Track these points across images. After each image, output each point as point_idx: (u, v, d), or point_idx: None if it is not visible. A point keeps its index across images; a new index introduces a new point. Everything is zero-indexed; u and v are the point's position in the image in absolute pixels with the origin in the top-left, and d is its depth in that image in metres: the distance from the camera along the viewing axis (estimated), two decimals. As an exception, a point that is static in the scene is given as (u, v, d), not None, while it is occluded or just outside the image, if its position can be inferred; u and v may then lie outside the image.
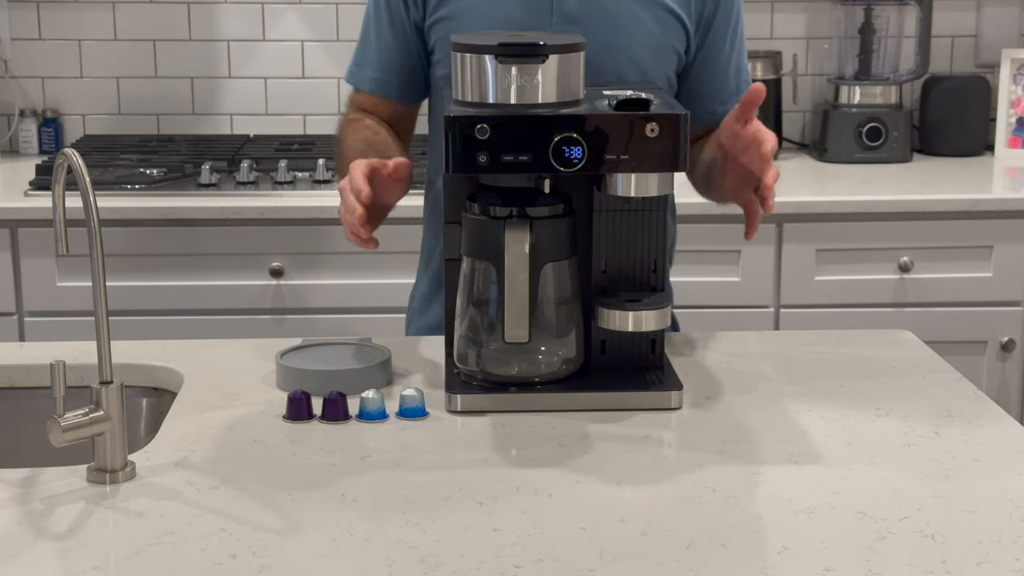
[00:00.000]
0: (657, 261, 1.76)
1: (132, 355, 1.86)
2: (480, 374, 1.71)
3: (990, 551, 1.30)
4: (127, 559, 1.30)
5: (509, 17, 1.90)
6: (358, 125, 2.01)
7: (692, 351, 1.91)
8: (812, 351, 1.92)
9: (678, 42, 1.95)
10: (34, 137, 3.53)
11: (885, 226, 3.02)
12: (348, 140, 1.98)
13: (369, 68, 2.03)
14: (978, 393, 1.76)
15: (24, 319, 2.98)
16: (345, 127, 2.02)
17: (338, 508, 1.40)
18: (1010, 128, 3.50)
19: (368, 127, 2.00)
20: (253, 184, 3.08)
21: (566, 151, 1.60)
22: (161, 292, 2.96)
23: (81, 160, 1.45)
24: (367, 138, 1.97)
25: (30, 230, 2.94)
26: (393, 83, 2.02)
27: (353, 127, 2.01)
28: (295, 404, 1.64)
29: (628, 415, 1.66)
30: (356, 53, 2.07)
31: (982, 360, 3.07)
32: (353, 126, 2.01)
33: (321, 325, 2.92)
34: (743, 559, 1.30)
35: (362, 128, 2.00)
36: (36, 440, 1.58)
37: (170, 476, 1.49)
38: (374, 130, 1.99)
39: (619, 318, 1.68)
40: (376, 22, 2.02)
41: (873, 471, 1.50)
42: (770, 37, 3.57)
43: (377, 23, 2.02)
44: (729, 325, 2.87)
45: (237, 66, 3.56)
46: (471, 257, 1.72)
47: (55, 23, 3.51)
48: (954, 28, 3.62)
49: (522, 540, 1.33)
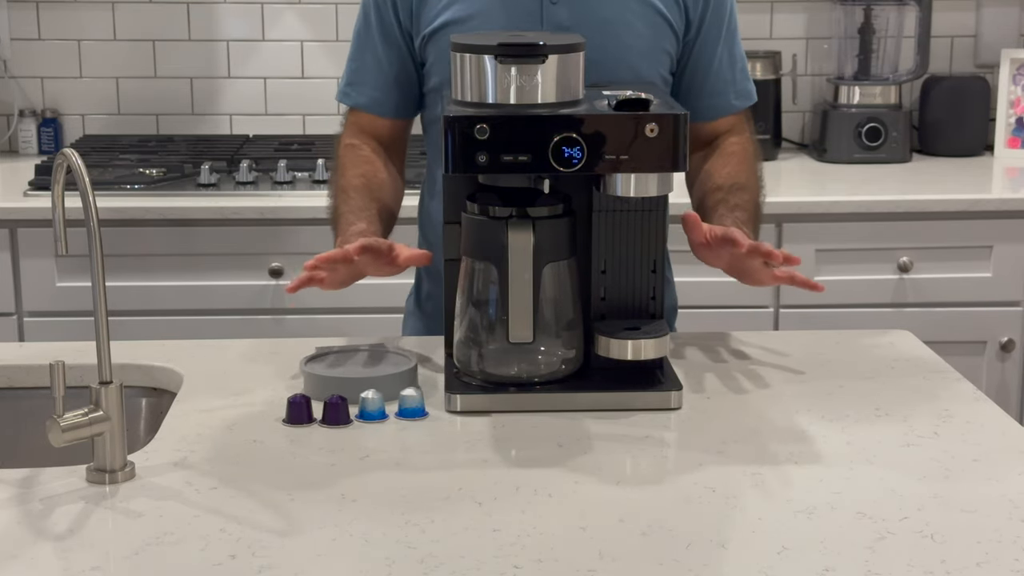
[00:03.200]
0: (656, 261, 1.76)
1: (131, 355, 1.86)
2: (480, 374, 1.71)
3: (990, 551, 1.30)
4: (127, 559, 1.30)
5: (500, 28, 1.90)
6: (357, 156, 2.00)
7: (692, 351, 1.91)
8: (812, 351, 1.92)
9: (669, 44, 1.96)
10: (33, 137, 3.53)
11: (885, 226, 3.02)
12: (347, 172, 1.98)
13: (364, 87, 2.02)
14: (978, 393, 1.76)
15: (24, 319, 2.98)
16: (344, 154, 2.01)
17: (338, 508, 1.40)
18: (1009, 128, 3.50)
19: (367, 160, 1.99)
20: (252, 184, 3.08)
21: (566, 151, 1.60)
22: (161, 292, 2.96)
23: (80, 160, 1.45)
24: (366, 173, 1.97)
25: (29, 230, 2.94)
26: (389, 101, 2.02)
27: (352, 157, 2.00)
28: (295, 408, 1.64)
29: (628, 415, 1.66)
30: (348, 73, 2.05)
31: (982, 360, 3.07)
32: (351, 155, 2.00)
33: (320, 325, 2.92)
34: (743, 559, 1.30)
35: (361, 161, 1.99)
36: (36, 440, 1.58)
37: (169, 476, 1.48)
38: (374, 167, 1.99)
39: (618, 347, 1.68)
40: (368, 40, 2.01)
41: (873, 471, 1.50)
42: (770, 37, 3.57)
43: (369, 41, 2.01)
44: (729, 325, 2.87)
45: (236, 66, 3.55)
46: (471, 257, 1.72)
47: (55, 23, 3.51)
48: (954, 28, 3.62)
49: (521, 540, 1.33)
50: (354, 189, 1.94)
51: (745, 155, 2.00)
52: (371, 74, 2.02)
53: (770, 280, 1.76)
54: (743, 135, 2.03)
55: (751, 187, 1.96)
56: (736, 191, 1.93)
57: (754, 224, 1.92)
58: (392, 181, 2.01)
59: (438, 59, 1.94)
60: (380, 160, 2.01)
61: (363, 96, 2.03)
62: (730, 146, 2.01)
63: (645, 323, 1.73)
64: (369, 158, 2.00)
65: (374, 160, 2.00)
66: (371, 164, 1.99)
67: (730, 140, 2.02)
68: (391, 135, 2.05)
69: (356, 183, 1.95)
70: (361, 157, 2.00)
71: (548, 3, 1.91)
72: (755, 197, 1.96)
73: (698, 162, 2.01)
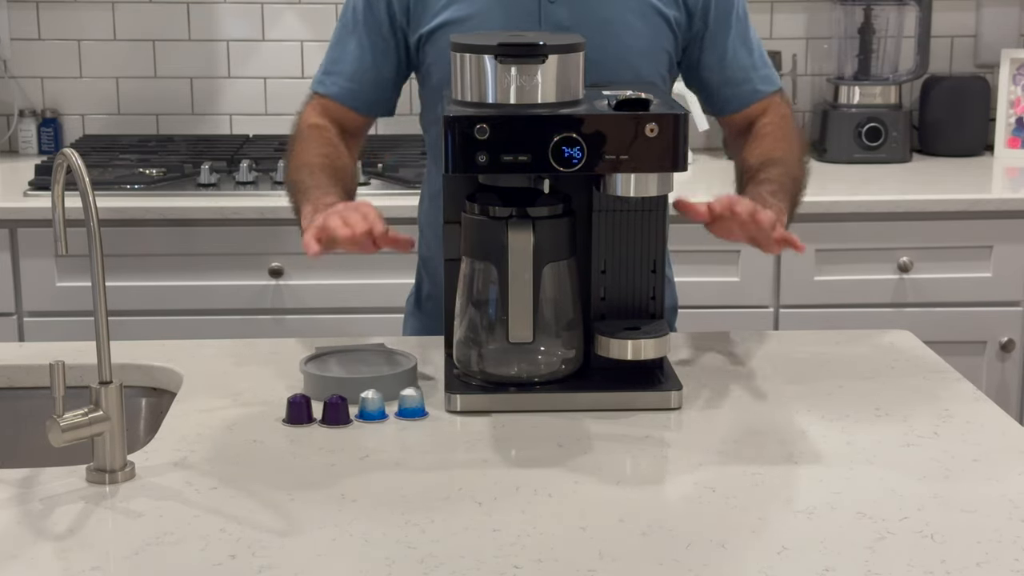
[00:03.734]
0: (656, 261, 1.76)
1: (131, 355, 1.86)
2: (480, 374, 1.71)
3: (990, 551, 1.30)
4: (126, 559, 1.30)
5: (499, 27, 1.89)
6: (321, 137, 1.99)
7: (692, 351, 1.91)
8: (812, 351, 1.92)
9: (668, 44, 1.96)
10: (33, 137, 3.52)
11: (885, 226, 3.02)
12: (311, 147, 1.96)
13: (341, 77, 2.02)
14: (978, 393, 1.76)
15: (24, 319, 2.98)
16: (309, 132, 2.00)
17: (338, 508, 1.40)
18: (1009, 128, 3.50)
19: (330, 143, 1.98)
20: (252, 184, 3.08)
21: (566, 151, 1.60)
22: (160, 292, 2.96)
23: (80, 160, 1.45)
24: (329, 154, 1.96)
25: (29, 230, 2.94)
26: (363, 95, 2.02)
27: (316, 136, 1.99)
28: (295, 408, 1.64)
29: (628, 415, 1.66)
30: (326, 62, 2.05)
31: (982, 360, 3.07)
32: (316, 135, 1.99)
33: (320, 325, 2.92)
34: (743, 559, 1.30)
35: (325, 143, 1.98)
36: (36, 440, 1.58)
37: (169, 476, 1.48)
38: (337, 150, 1.98)
39: (618, 347, 1.68)
40: (354, 32, 2.01)
41: (873, 471, 1.50)
42: (770, 37, 3.57)
43: (354, 33, 2.01)
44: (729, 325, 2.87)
45: (236, 66, 3.55)
46: (471, 257, 1.72)
47: (54, 23, 3.51)
48: (954, 28, 3.62)
49: (521, 540, 1.33)
50: (319, 168, 1.93)
51: (778, 132, 1.99)
52: (350, 66, 2.02)
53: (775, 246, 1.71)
54: (777, 113, 2.02)
55: (784, 160, 1.94)
56: (766, 167, 1.92)
57: (786, 194, 1.88)
58: (351, 169, 2.01)
59: (437, 59, 1.94)
60: (343, 146, 2.01)
61: (338, 87, 2.02)
62: (763, 128, 2.01)
63: (645, 323, 1.73)
64: (333, 142, 1.99)
65: (338, 145, 2.00)
66: (335, 148, 1.99)
67: (764, 121, 2.02)
68: (355, 128, 2.05)
69: (320, 162, 1.94)
70: (324, 139, 1.99)
71: (547, 3, 1.91)
72: (790, 169, 1.93)
73: (738, 152, 2.02)
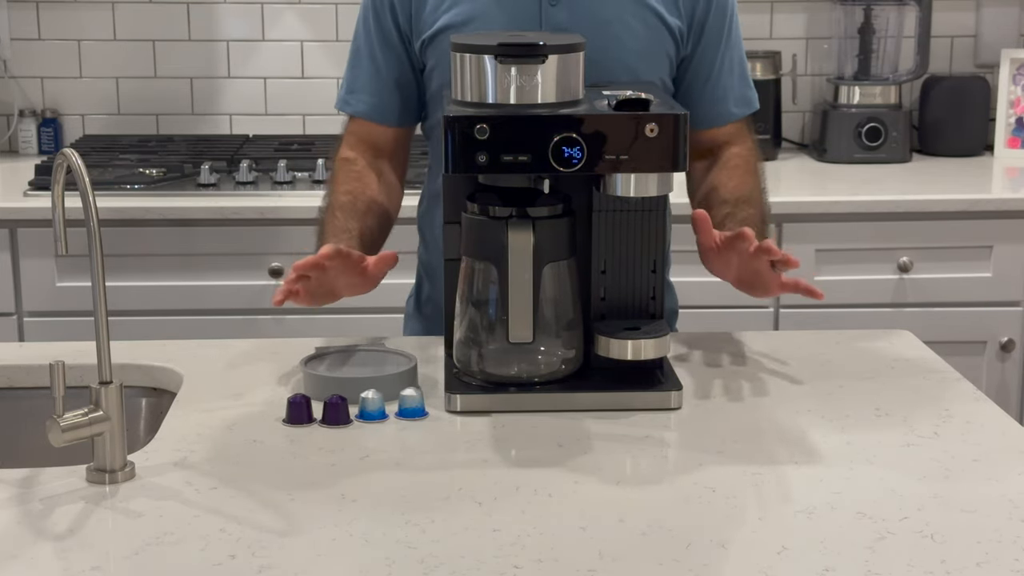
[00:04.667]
0: (656, 261, 1.76)
1: (131, 355, 1.86)
2: (480, 374, 1.71)
3: (990, 551, 1.30)
4: (126, 559, 1.30)
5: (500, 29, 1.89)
6: (348, 172, 1.98)
7: (692, 351, 1.91)
8: (812, 351, 1.92)
9: (669, 48, 1.95)
10: (33, 137, 3.53)
11: (885, 226, 3.02)
12: (338, 186, 1.96)
13: (364, 93, 2.01)
14: (978, 393, 1.76)
15: (23, 319, 2.98)
16: (338, 169, 1.99)
17: (338, 508, 1.40)
18: (1009, 128, 3.50)
19: (357, 176, 1.97)
20: (252, 184, 3.08)
21: (565, 151, 1.60)
22: (161, 292, 2.96)
23: (80, 160, 1.45)
24: (353, 191, 1.95)
25: (29, 230, 2.94)
26: (389, 107, 2.00)
27: (343, 173, 1.98)
28: (295, 408, 1.64)
29: (628, 415, 1.66)
30: (347, 80, 2.03)
31: (982, 360, 3.07)
32: (344, 170, 1.98)
33: (321, 325, 2.92)
34: (743, 559, 1.30)
35: (351, 178, 1.97)
36: (36, 440, 1.58)
37: (169, 476, 1.48)
38: (362, 184, 1.96)
39: (618, 347, 1.68)
40: (367, 46, 2.00)
41: (873, 471, 1.50)
42: (769, 37, 3.57)
43: (368, 47, 2.00)
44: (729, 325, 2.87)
45: (236, 66, 3.55)
46: (471, 257, 1.72)
47: (54, 23, 3.51)
48: (953, 28, 3.62)
49: (521, 540, 1.33)
50: (340, 207, 1.92)
51: (748, 167, 1.99)
52: (370, 81, 2.00)
53: (777, 288, 1.74)
54: (745, 144, 2.02)
55: (756, 200, 1.96)
56: (742, 205, 1.92)
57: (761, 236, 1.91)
58: (384, 197, 1.98)
59: (438, 63, 1.93)
60: (372, 175, 1.98)
61: (362, 103, 2.01)
62: (733, 158, 2.00)
63: (645, 323, 1.73)
64: (360, 174, 1.97)
65: (365, 176, 1.97)
66: (360, 181, 1.96)
67: (733, 151, 2.00)
68: (391, 143, 2.02)
69: (343, 200, 1.93)
70: (352, 173, 1.97)
71: (547, 5, 1.91)
72: (760, 210, 1.95)
73: (701, 173, 2.01)
